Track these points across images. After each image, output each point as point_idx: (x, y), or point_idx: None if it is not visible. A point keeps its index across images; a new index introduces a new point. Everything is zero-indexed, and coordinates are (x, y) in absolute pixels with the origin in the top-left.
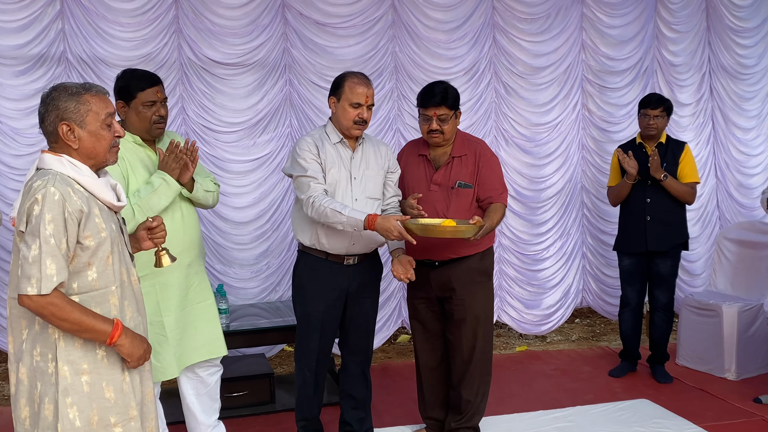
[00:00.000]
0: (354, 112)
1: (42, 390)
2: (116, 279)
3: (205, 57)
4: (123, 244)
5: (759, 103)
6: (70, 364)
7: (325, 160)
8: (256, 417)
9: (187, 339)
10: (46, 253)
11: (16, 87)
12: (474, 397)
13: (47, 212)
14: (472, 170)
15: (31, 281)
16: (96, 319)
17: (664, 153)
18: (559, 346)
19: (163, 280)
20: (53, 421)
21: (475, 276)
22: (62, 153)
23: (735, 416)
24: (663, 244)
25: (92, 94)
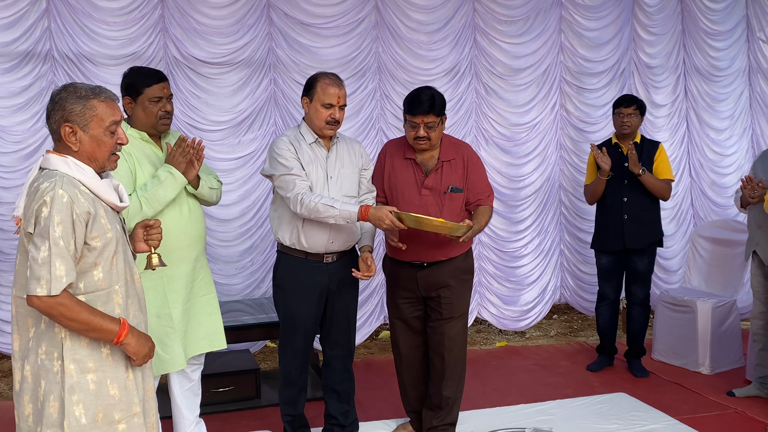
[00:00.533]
0: (326, 113)
1: (46, 388)
2: (120, 278)
3: (190, 56)
4: (126, 244)
5: (732, 104)
6: (76, 362)
7: (301, 159)
8: (242, 412)
9: (190, 331)
10: (55, 254)
11: (2, 84)
12: (454, 394)
13: (56, 214)
14: (461, 174)
15: (40, 282)
16: (104, 319)
17: (639, 152)
18: (538, 342)
19: (170, 273)
20: (58, 419)
21: (461, 275)
22: (65, 153)
23: (709, 409)
24: (640, 241)
25: (100, 100)
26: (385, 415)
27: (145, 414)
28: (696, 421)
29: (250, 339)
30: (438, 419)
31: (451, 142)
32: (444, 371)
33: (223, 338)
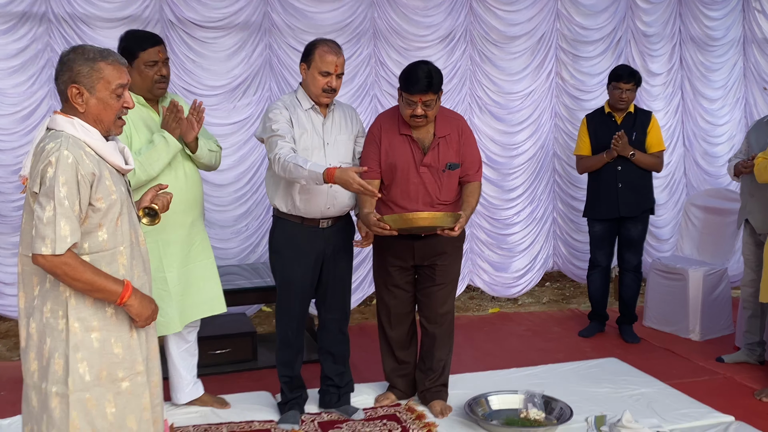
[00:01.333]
0: (323, 81)
1: (51, 345)
2: (125, 239)
3: (186, 19)
4: (131, 206)
5: (726, 74)
6: (81, 321)
7: (296, 125)
8: (239, 373)
9: (189, 296)
10: (60, 214)
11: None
12: (446, 356)
13: (61, 175)
14: (456, 149)
15: (45, 241)
16: (107, 280)
17: (632, 123)
18: (531, 308)
19: (165, 237)
20: (63, 375)
21: (456, 242)
22: (72, 114)
23: (699, 375)
24: (634, 209)
25: (108, 63)
26: (379, 377)
27: (148, 373)
28: (685, 386)
29: (246, 303)
30: (431, 381)
31: (445, 116)
32: (435, 335)
33: (223, 303)
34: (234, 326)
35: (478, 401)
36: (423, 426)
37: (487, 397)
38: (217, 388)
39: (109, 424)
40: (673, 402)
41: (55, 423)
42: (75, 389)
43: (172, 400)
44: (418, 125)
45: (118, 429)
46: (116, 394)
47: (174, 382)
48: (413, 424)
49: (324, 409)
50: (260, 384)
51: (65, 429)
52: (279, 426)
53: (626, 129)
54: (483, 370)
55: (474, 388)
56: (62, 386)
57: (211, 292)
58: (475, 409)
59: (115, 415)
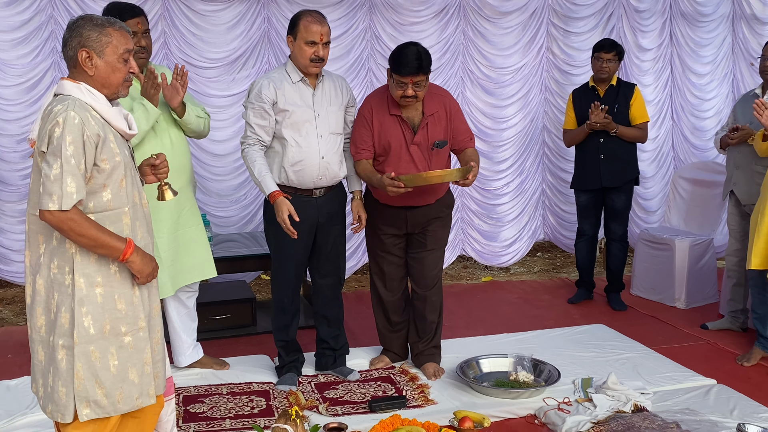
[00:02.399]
0: (310, 50)
1: (59, 300)
2: (129, 201)
3: None
4: (135, 170)
5: (714, 50)
6: (86, 276)
7: (284, 101)
8: (238, 338)
9: (180, 261)
10: (66, 171)
11: (2, 18)
12: (437, 318)
13: (68, 134)
14: (445, 125)
15: (52, 198)
16: (111, 237)
17: (615, 95)
18: (522, 277)
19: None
20: (69, 328)
21: (444, 209)
22: (80, 80)
23: (683, 340)
24: (616, 179)
25: (115, 29)
26: (374, 341)
27: (150, 329)
28: (670, 351)
29: (245, 270)
30: (424, 343)
31: (432, 93)
32: (426, 297)
33: (213, 267)
34: (234, 293)
35: (469, 364)
36: (416, 387)
37: (478, 360)
38: (217, 352)
39: (112, 376)
40: (658, 366)
41: (61, 374)
42: (80, 341)
43: (173, 363)
44: (408, 105)
45: (121, 381)
46: (119, 347)
47: (175, 345)
48: (407, 385)
49: (320, 371)
50: (259, 348)
51: (70, 380)
52: (277, 387)
53: (609, 101)
54: (475, 336)
55: (466, 352)
56: (68, 339)
57: (201, 257)
58: (467, 372)
59: (117, 368)
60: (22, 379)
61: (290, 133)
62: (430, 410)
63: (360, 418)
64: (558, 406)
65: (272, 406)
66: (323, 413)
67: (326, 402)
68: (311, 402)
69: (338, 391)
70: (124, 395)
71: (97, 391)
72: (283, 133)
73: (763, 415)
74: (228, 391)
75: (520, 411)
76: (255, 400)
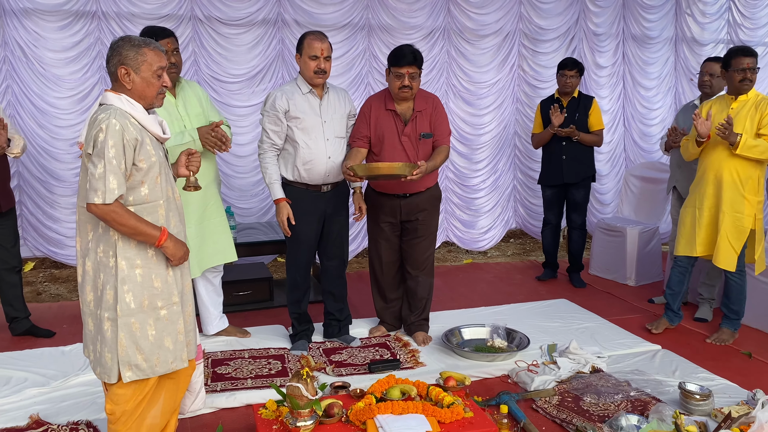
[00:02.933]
0: (313, 64)
1: (104, 279)
2: (163, 194)
3: (213, 17)
4: (168, 168)
5: (659, 67)
6: (127, 259)
7: (296, 110)
8: (258, 311)
9: (205, 247)
10: (109, 171)
11: (57, 40)
12: (427, 294)
13: (110, 139)
14: (430, 120)
15: (97, 193)
16: (147, 226)
17: (576, 105)
18: (497, 260)
19: (184, 198)
20: (113, 303)
21: (434, 202)
22: (120, 92)
23: (633, 312)
24: (575, 177)
25: (150, 49)
26: (373, 314)
27: (183, 304)
28: (622, 321)
29: (264, 253)
30: (415, 316)
31: (422, 95)
32: (418, 278)
33: (234, 252)
34: (254, 272)
35: (453, 332)
36: (408, 352)
37: (460, 329)
38: (240, 322)
39: (150, 344)
40: (612, 334)
41: (107, 342)
42: (122, 315)
43: (202, 332)
44: (405, 96)
45: (158, 348)
46: (156, 319)
47: (204, 316)
48: (400, 350)
49: (327, 338)
50: (275, 319)
51: (115, 347)
52: (291, 352)
53: (571, 111)
54: (457, 309)
55: (450, 323)
56: (112, 312)
57: (224, 244)
58: (451, 339)
59: (155, 337)
60: (74, 345)
61: (301, 137)
62: (419, 371)
63: (361, 378)
64: (528, 367)
65: (287, 368)
66: (330, 374)
67: (332, 364)
68: (320, 364)
69: (342, 355)
70: (160, 360)
71: (138, 356)
72: (296, 137)
73: (700, 375)
74: (249, 355)
75: (495, 372)
76: (272, 363)
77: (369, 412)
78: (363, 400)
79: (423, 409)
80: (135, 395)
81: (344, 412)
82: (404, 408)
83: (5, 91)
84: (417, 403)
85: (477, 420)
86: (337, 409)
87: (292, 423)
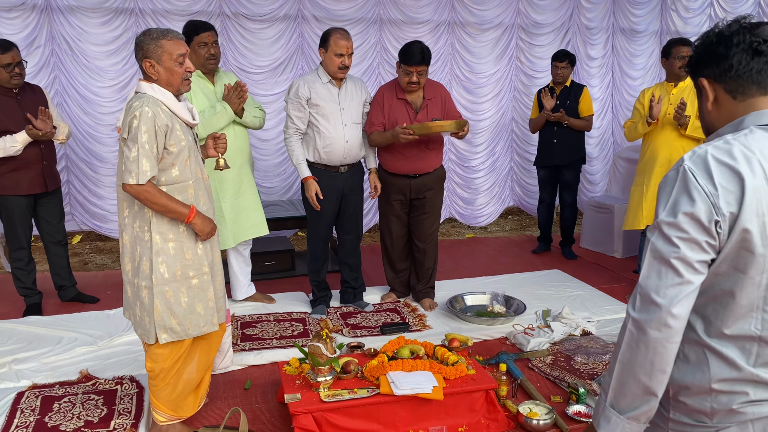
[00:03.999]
0: (338, 60)
1: (140, 251)
2: (192, 175)
3: (239, 13)
4: (197, 151)
5: (645, 59)
6: (161, 234)
7: (317, 97)
8: (281, 279)
9: (240, 221)
10: (142, 154)
11: (99, 34)
12: (432, 265)
13: (143, 125)
14: (441, 107)
15: (132, 174)
16: (178, 204)
17: (568, 93)
18: (497, 234)
19: (220, 176)
20: (149, 273)
21: (440, 182)
22: (151, 81)
23: (620, 281)
24: (566, 159)
25: (168, 39)
26: (384, 282)
27: (213, 274)
28: (610, 290)
29: (286, 228)
30: (422, 284)
31: (431, 84)
32: (425, 250)
33: (266, 227)
34: (277, 245)
35: (456, 299)
36: (416, 317)
37: (463, 296)
38: (266, 289)
39: (183, 309)
40: (600, 301)
41: (145, 308)
42: (157, 283)
43: (232, 297)
44: (412, 90)
45: (190, 314)
46: (188, 288)
47: (234, 284)
48: (409, 314)
49: (344, 304)
50: (297, 287)
51: (151, 312)
52: (311, 315)
53: (563, 99)
54: (460, 278)
55: (454, 290)
56: (149, 281)
57: (257, 219)
58: (454, 305)
59: (187, 303)
60: (118, 309)
61: (322, 123)
62: (426, 333)
63: (374, 339)
64: (524, 330)
65: (308, 330)
66: (346, 335)
67: (348, 327)
68: (337, 326)
69: (357, 318)
70: (193, 324)
71: (172, 320)
72: (316, 123)
73: None
74: (274, 318)
75: (495, 334)
76: (294, 325)
77: (382, 368)
78: (376, 359)
79: (430, 366)
80: (172, 354)
81: (359, 369)
82: (413, 365)
83: (53, 81)
84: (425, 361)
85: (478, 377)
86: (353, 366)
87: (314, 378)
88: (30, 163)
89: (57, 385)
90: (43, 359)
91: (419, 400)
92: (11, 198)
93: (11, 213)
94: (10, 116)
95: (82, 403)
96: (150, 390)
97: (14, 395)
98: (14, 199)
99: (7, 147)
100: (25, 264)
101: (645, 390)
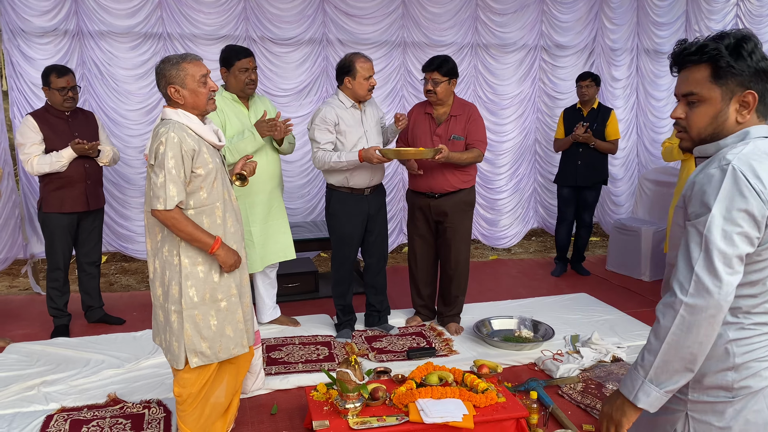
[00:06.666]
0: (367, 83)
1: (170, 276)
2: (220, 197)
3: (265, 37)
4: (225, 173)
5: (670, 80)
6: (189, 258)
7: (343, 124)
8: (305, 301)
9: (268, 245)
10: (169, 180)
11: (128, 59)
12: (459, 293)
13: (169, 150)
14: (464, 126)
15: (159, 200)
16: (203, 234)
17: (596, 116)
18: (521, 256)
19: (251, 199)
20: (178, 297)
21: (463, 206)
22: (176, 107)
23: (648, 306)
24: (588, 180)
25: (188, 62)
26: (408, 305)
27: (240, 296)
28: (638, 314)
29: (309, 249)
30: (448, 310)
31: (461, 103)
32: (452, 277)
33: (293, 251)
34: (301, 266)
35: (483, 323)
36: (443, 341)
37: (490, 320)
38: (289, 312)
39: (213, 332)
40: (630, 326)
41: (174, 332)
42: (187, 307)
43: (258, 320)
44: (430, 99)
45: (219, 336)
46: (217, 310)
47: (259, 306)
48: (435, 339)
49: (368, 327)
50: (321, 309)
51: (181, 336)
52: (336, 339)
53: (590, 120)
54: (486, 302)
55: (480, 314)
56: (178, 305)
57: (285, 243)
58: (481, 329)
59: (216, 326)
60: (144, 331)
61: (348, 148)
62: (453, 358)
63: (400, 364)
64: (553, 356)
65: (333, 354)
66: (372, 359)
67: (374, 351)
68: (362, 351)
69: (382, 342)
70: (223, 346)
71: (202, 344)
72: (342, 149)
73: None
74: (299, 341)
75: (523, 360)
76: (320, 349)
77: (411, 396)
78: (404, 385)
79: (460, 394)
80: (199, 379)
81: (388, 396)
82: (443, 393)
83: (83, 104)
84: (454, 388)
85: (509, 404)
86: (382, 393)
87: (342, 405)
88: (74, 181)
89: (85, 408)
90: (71, 381)
91: (449, 429)
92: (54, 216)
93: (52, 231)
94: (60, 137)
95: (110, 426)
96: (178, 415)
97: (43, 418)
98: (57, 217)
99: (53, 161)
100: (61, 285)
101: (687, 368)
